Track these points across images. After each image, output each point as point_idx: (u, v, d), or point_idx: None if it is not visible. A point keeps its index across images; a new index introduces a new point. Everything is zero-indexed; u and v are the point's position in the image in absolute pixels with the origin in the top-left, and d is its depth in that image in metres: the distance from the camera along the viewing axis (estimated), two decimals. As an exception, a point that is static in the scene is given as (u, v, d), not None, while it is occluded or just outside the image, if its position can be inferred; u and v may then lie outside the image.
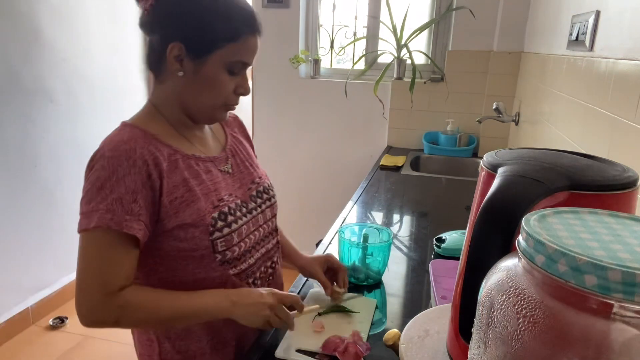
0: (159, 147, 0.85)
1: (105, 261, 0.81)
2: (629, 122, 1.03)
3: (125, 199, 0.79)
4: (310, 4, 2.90)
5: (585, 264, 0.33)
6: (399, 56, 2.71)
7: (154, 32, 0.88)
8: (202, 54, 0.85)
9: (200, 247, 0.87)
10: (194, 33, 0.84)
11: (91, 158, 0.84)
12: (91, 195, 0.81)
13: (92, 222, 0.79)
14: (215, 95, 0.89)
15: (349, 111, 2.88)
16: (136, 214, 0.80)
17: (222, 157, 0.99)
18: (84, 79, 2.73)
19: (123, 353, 2.34)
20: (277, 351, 0.89)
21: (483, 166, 0.61)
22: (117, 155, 0.80)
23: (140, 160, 0.81)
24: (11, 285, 2.40)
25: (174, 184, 0.85)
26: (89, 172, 0.83)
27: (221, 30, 0.84)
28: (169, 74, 0.88)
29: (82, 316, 0.81)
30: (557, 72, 1.69)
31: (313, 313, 1.00)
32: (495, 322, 0.40)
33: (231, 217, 0.91)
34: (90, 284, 0.81)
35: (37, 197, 2.49)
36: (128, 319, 0.82)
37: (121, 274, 0.82)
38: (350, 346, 0.86)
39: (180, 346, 0.95)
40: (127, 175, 0.80)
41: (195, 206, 0.86)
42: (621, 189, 0.52)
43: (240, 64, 0.88)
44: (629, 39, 1.08)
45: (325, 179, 3.03)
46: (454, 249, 1.32)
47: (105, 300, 0.80)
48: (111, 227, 0.78)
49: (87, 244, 0.82)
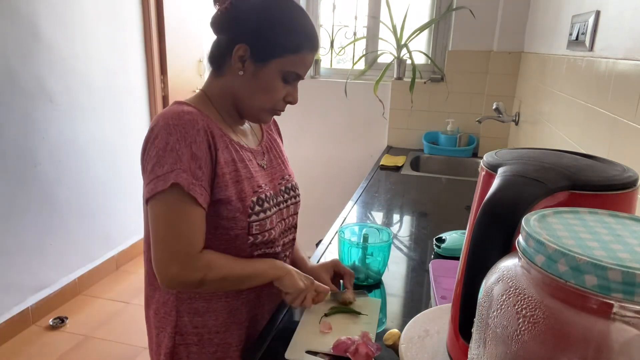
0: (212, 126, 0.91)
1: (187, 221, 0.85)
2: (629, 122, 1.03)
3: (192, 165, 0.84)
4: (310, 4, 2.90)
5: (585, 264, 0.33)
6: (399, 56, 2.71)
7: (223, 32, 0.95)
8: (264, 59, 0.92)
9: (237, 226, 0.92)
10: (261, 39, 0.91)
11: (150, 130, 0.87)
12: (164, 159, 0.83)
13: (168, 181, 0.82)
14: (267, 98, 0.96)
15: (349, 111, 2.88)
16: (200, 179, 0.85)
17: (259, 151, 1.05)
18: (83, 78, 2.73)
19: (123, 353, 2.34)
20: (286, 352, 0.89)
21: (483, 166, 0.61)
22: (182, 124, 0.85)
23: (203, 130, 0.87)
24: (11, 285, 2.40)
25: (225, 161, 0.91)
26: (152, 142, 0.86)
27: (285, 41, 0.92)
28: (229, 71, 0.95)
29: (172, 275, 0.84)
30: (557, 72, 1.69)
31: (320, 314, 1.02)
32: (495, 322, 0.40)
33: (267, 204, 0.97)
34: (178, 243, 0.84)
35: (37, 197, 2.49)
36: (212, 277, 0.87)
37: (201, 234, 0.87)
38: (360, 347, 0.87)
39: (197, 322, 0.98)
40: (193, 143, 0.85)
41: (240, 186, 0.93)
42: (621, 189, 0.52)
43: (294, 75, 0.96)
44: (629, 39, 1.08)
45: (325, 179, 3.03)
46: (454, 249, 1.32)
47: (194, 259, 0.85)
48: (185, 187, 0.82)
49: (166, 205, 0.84)
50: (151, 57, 3.23)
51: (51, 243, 2.61)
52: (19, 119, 2.35)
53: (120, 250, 3.12)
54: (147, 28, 3.19)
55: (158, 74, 3.31)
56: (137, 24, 3.13)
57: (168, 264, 0.84)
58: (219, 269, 0.88)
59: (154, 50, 3.24)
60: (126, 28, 3.03)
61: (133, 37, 3.10)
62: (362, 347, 0.86)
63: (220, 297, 0.98)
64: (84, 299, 2.80)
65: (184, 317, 0.98)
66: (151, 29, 3.20)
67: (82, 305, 2.74)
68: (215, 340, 0.99)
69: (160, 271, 0.85)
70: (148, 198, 0.85)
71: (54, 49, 2.51)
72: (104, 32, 2.84)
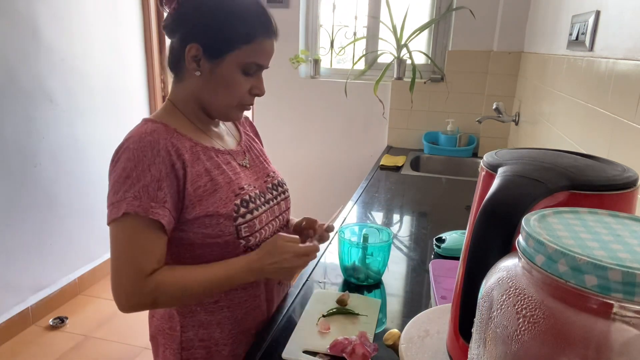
0: (180, 140, 0.89)
1: (137, 247, 0.84)
2: (629, 122, 1.03)
3: (151, 187, 0.83)
4: (310, 4, 2.90)
5: (585, 264, 0.33)
6: (399, 56, 2.71)
7: (174, 34, 0.92)
8: (218, 55, 0.88)
9: (225, 233, 0.91)
10: (211, 35, 0.88)
11: (115, 152, 0.86)
12: (118, 186, 0.83)
13: (120, 210, 0.82)
14: (231, 95, 0.92)
15: (349, 111, 2.88)
16: (161, 200, 0.83)
17: (239, 152, 1.03)
18: (83, 78, 2.72)
19: (123, 353, 2.34)
20: (284, 352, 0.89)
21: (483, 166, 0.61)
22: (142, 147, 0.84)
23: (164, 150, 0.85)
24: (11, 285, 2.40)
25: (197, 174, 0.89)
26: (114, 165, 0.85)
27: (236, 33, 0.88)
28: (187, 74, 0.92)
29: (120, 303, 0.84)
30: (557, 72, 1.69)
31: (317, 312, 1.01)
32: (495, 322, 0.40)
33: (252, 204, 0.95)
34: (125, 270, 0.83)
35: (37, 197, 2.49)
36: (165, 297, 0.86)
37: (153, 258, 0.85)
38: (357, 347, 0.86)
39: (203, 335, 0.97)
40: (152, 165, 0.83)
41: (218, 195, 0.90)
42: (621, 189, 0.52)
43: (255, 66, 0.92)
44: (629, 39, 1.08)
45: (325, 179, 3.03)
46: (454, 249, 1.32)
47: (140, 284, 0.83)
48: (138, 213, 0.81)
49: (118, 232, 0.84)
50: (151, 57, 3.23)
51: (51, 243, 2.61)
52: (19, 119, 2.35)
53: (120, 250, 3.12)
54: (147, 28, 3.19)
55: (158, 74, 3.31)
56: (137, 24, 3.12)
57: (117, 290, 0.84)
58: (172, 288, 0.85)
59: (154, 50, 3.24)
60: (126, 28, 3.03)
61: (133, 37, 3.10)
62: (359, 347, 0.86)
63: (222, 307, 0.97)
64: (84, 299, 2.80)
65: (189, 332, 0.97)
66: (151, 29, 3.20)
67: (82, 305, 2.74)
68: (224, 353, 0.98)
69: (114, 298, 0.85)
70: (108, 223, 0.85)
71: (54, 49, 2.51)
72: (104, 32, 2.84)
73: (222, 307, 0.97)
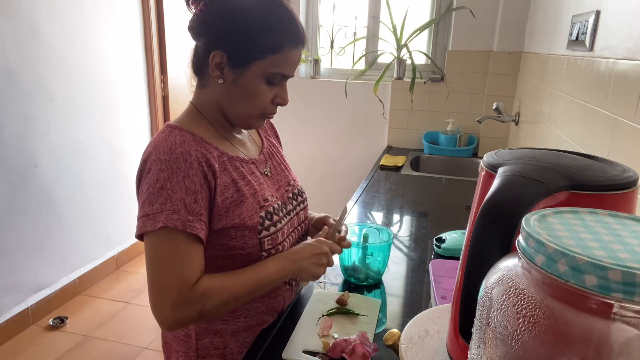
0: (208, 149, 0.87)
1: (179, 258, 0.81)
2: (629, 122, 1.03)
3: (187, 200, 0.81)
4: (310, 4, 2.90)
5: (585, 264, 0.33)
6: (399, 56, 2.71)
7: (199, 37, 0.89)
8: (242, 64, 0.85)
9: (248, 245, 0.90)
10: (236, 43, 0.84)
11: (142, 161, 0.84)
12: (153, 198, 0.80)
13: (157, 223, 0.79)
14: (253, 104, 0.90)
15: (349, 111, 2.88)
16: (197, 213, 0.82)
17: (261, 160, 1.01)
18: (83, 78, 2.72)
19: (123, 353, 2.34)
20: (283, 352, 0.89)
21: (483, 166, 0.61)
22: (174, 158, 0.81)
23: (196, 162, 0.83)
24: (11, 285, 2.40)
25: (225, 184, 0.87)
26: (145, 176, 0.83)
27: (263, 42, 0.84)
28: (210, 80, 0.89)
29: (165, 316, 0.80)
30: (557, 72, 1.69)
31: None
32: (495, 322, 0.40)
33: (276, 216, 0.94)
34: (169, 282, 0.80)
35: (37, 197, 2.49)
36: (212, 305, 0.82)
37: (195, 267, 0.82)
38: (357, 347, 0.86)
39: (218, 342, 0.96)
40: (187, 177, 0.81)
41: (244, 206, 0.89)
42: (621, 189, 0.52)
43: (279, 76, 0.89)
44: (629, 39, 1.08)
45: (325, 179, 3.03)
46: (454, 249, 1.32)
47: (187, 293, 0.80)
48: (177, 227, 0.79)
49: (156, 244, 0.81)
50: (151, 57, 3.23)
51: (51, 243, 2.61)
52: (19, 119, 2.35)
53: (120, 250, 3.12)
54: (148, 28, 3.19)
55: (158, 74, 3.31)
56: (137, 24, 3.12)
57: (161, 305, 0.80)
58: (218, 293, 0.83)
59: (154, 50, 3.24)
60: (126, 28, 3.03)
61: (133, 37, 3.10)
62: (359, 348, 0.86)
63: (239, 317, 0.96)
64: (84, 299, 2.80)
65: (204, 339, 0.96)
66: (151, 29, 3.19)
67: (82, 305, 2.73)
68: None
69: (156, 315, 0.81)
70: (138, 235, 0.83)
71: (54, 49, 2.51)
72: (104, 32, 2.84)
73: (238, 317, 0.96)
